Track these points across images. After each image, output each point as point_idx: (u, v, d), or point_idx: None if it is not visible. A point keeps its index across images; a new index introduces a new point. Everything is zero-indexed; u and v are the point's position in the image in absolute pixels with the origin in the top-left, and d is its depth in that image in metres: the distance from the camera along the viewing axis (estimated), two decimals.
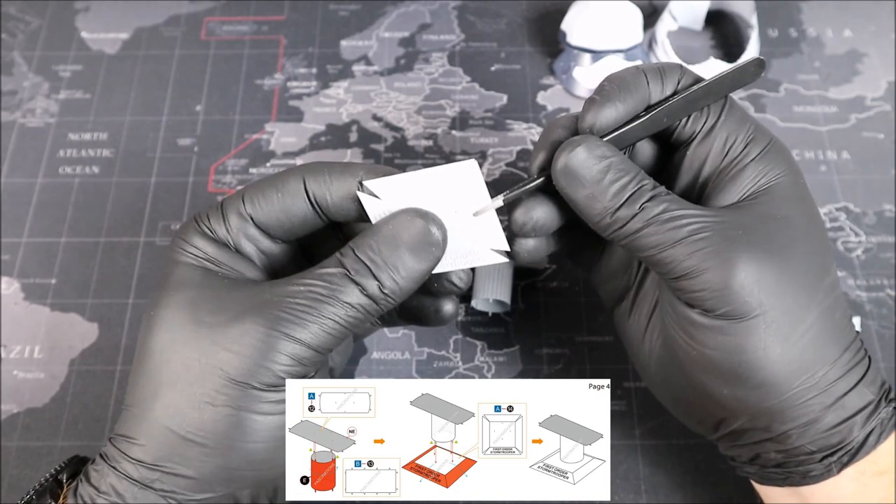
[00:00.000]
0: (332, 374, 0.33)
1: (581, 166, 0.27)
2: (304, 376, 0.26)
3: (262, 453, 0.26)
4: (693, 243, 0.26)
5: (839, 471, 0.27)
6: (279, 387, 0.26)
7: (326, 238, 0.31)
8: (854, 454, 0.27)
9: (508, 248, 0.29)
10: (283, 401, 0.26)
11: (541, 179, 0.28)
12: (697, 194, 0.29)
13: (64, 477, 0.28)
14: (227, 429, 0.25)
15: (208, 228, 0.28)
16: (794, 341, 0.26)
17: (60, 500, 0.27)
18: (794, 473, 0.28)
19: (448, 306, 0.32)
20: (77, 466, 0.28)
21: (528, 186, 0.28)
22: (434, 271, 0.28)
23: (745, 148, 0.28)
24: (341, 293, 0.26)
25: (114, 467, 0.26)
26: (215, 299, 0.27)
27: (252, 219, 0.29)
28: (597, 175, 0.27)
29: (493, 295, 0.37)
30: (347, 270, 0.26)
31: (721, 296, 0.26)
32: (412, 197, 0.28)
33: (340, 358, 0.34)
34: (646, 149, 0.31)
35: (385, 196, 0.28)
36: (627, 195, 0.26)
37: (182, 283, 0.27)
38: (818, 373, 0.26)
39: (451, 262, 0.29)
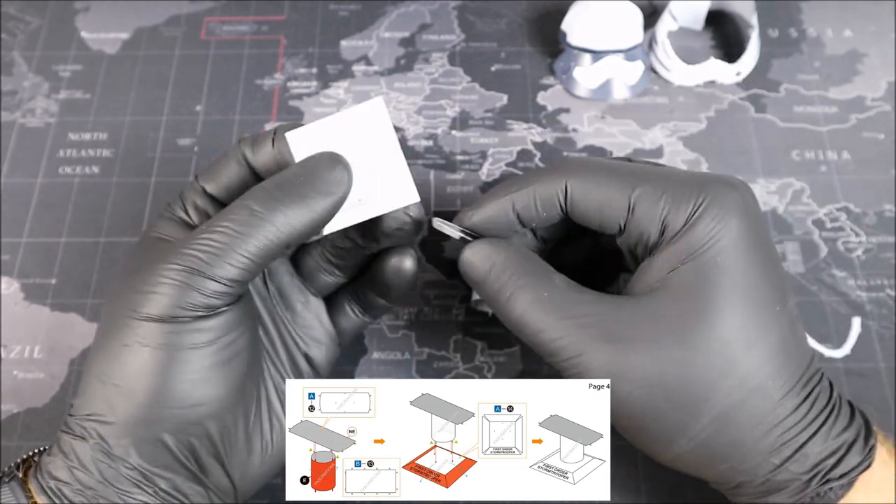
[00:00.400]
0: (316, 370, 0.33)
1: (467, 268, 0.30)
2: (214, 308, 0.27)
3: (175, 390, 0.26)
4: (578, 330, 0.27)
5: None
6: (185, 319, 0.26)
7: None
8: None
9: (417, 197, 0.29)
10: (193, 333, 0.26)
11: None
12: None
13: (37, 457, 0.28)
14: (139, 366, 0.26)
15: (170, 211, 0.30)
16: (689, 438, 0.27)
17: (22, 477, 0.27)
18: None
19: (407, 262, 0.32)
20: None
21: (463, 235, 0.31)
22: (348, 222, 0.29)
23: (660, 236, 0.27)
24: (241, 224, 0.27)
25: (62, 430, 0.27)
26: (147, 257, 0.28)
27: (204, 190, 0.30)
28: (482, 275, 0.29)
29: None
30: (250, 203, 0.27)
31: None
32: (328, 143, 0.29)
33: (325, 358, 0.34)
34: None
35: (306, 144, 0.29)
36: (508, 292, 0.28)
37: (130, 258, 0.29)
38: (734, 458, 0.27)
39: (361, 212, 0.30)
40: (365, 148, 0.29)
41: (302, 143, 0.29)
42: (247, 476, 0.29)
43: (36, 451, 0.29)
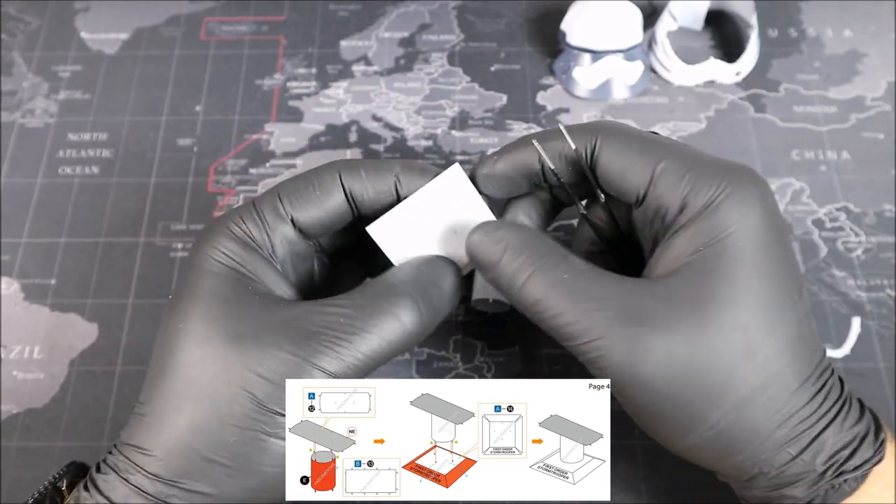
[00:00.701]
0: None
1: (478, 250, 0.28)
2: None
3: (278, 477, 0.26)
4: (596, 313, 0.26)
5: None
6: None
7: (339, 231, 0.32)
8: None
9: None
10: None
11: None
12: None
13: (63, 484, 0.27)
14: (251, 452, 0.26)
15: (243, 231, 0.28)
16: (708, 426, 0.26)
17: None
18: None
19: None
20: (75, 473, 0.28)
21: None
22: None
23: (679, 213, 0.27)
24: (378, 327, 0.27)
25: (125, 479, 0.26)
26: (250, 319, 0.26)
27: (291, 218, 0.29)
28: (494, 258, 0.28)
29: (492, 295, 0.37)
30: (390, 304, 0.27)
31: (614, 383, 0.27)
32: (417, 222, 0.29)
33: None
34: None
35: (392, 233, 0.29)
36: (525, 275, 0.27)
37: (213, 297, 0.27)
38: (750, 448, 0.26)
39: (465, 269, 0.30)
40: (452, 213, 0.29)
41: (387, 233, 0.29)
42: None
43: (47, 485, 0.27)
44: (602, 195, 0.30)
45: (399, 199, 0.29)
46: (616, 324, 0.26)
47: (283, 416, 0.26)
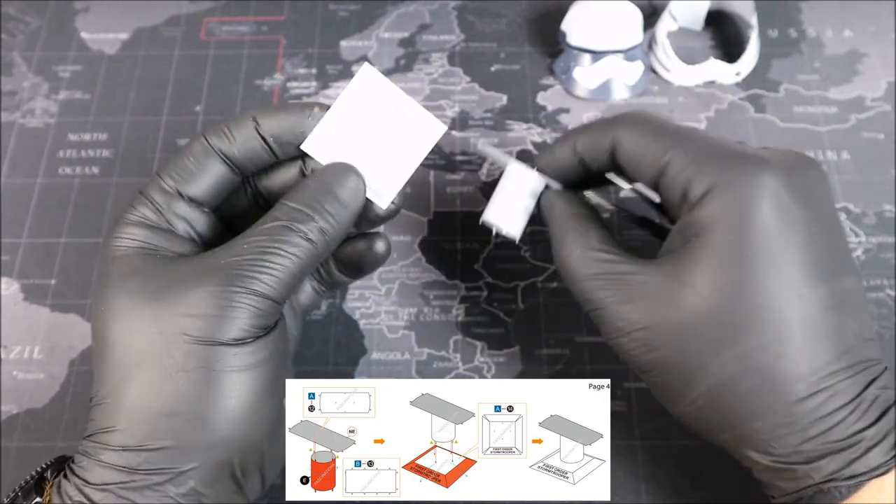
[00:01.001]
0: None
1: (542, 210, 0.33)
2: (266, 327, 0.27)
3: (238, 410, 0.26)
4: (597, 286, 0.29)
5: None
6: (245, 340, 0.26)
7: (254, 216, 0.32)
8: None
9: (444, 126, 0.30)
10: (252, 354, 0.27)
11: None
12: None
13: (49, 474, 0.28)
14: (202, 391, 0.26)
15: (139, 217, 0.29)
16: (688, 402, 0.27)
17: (46, 494, 0.27)
18: None
19: (379, 244, 0.33)
20: (62, 464, 0.28)
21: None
22: (401, 182, 0.30)
23: (681, 203, 0.28)
24: (285, 242, 0.27)
25: (98, 460, 0.26)
26: (163, 277, 0.27)
27: (178, 192, 0.29)
28: (546, 218, 0.32)
29: (504, 226, 0.35)
30: (285, 221, 0.27)
31: (613, 348, 0.29)
32: (344, 131, 0.30)
33: (293, 343, 0.34)
34: None
35: (324, 145, 0.30)
36: (555, 241, 0.31)
37: (124, 274, 0.28)
38: (730, 433, 0.27)
39: (408, 166, 0.31)
40: (379, 112, 0.30)
41: (321, 147, 0.30)
42: (274, 472, 0.29)
43: (34, 475, 0.28)
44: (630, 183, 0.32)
45: (270, 147, 0.30)
46: (609, 297, 0.28)
47: (224, 345, 0.26)
